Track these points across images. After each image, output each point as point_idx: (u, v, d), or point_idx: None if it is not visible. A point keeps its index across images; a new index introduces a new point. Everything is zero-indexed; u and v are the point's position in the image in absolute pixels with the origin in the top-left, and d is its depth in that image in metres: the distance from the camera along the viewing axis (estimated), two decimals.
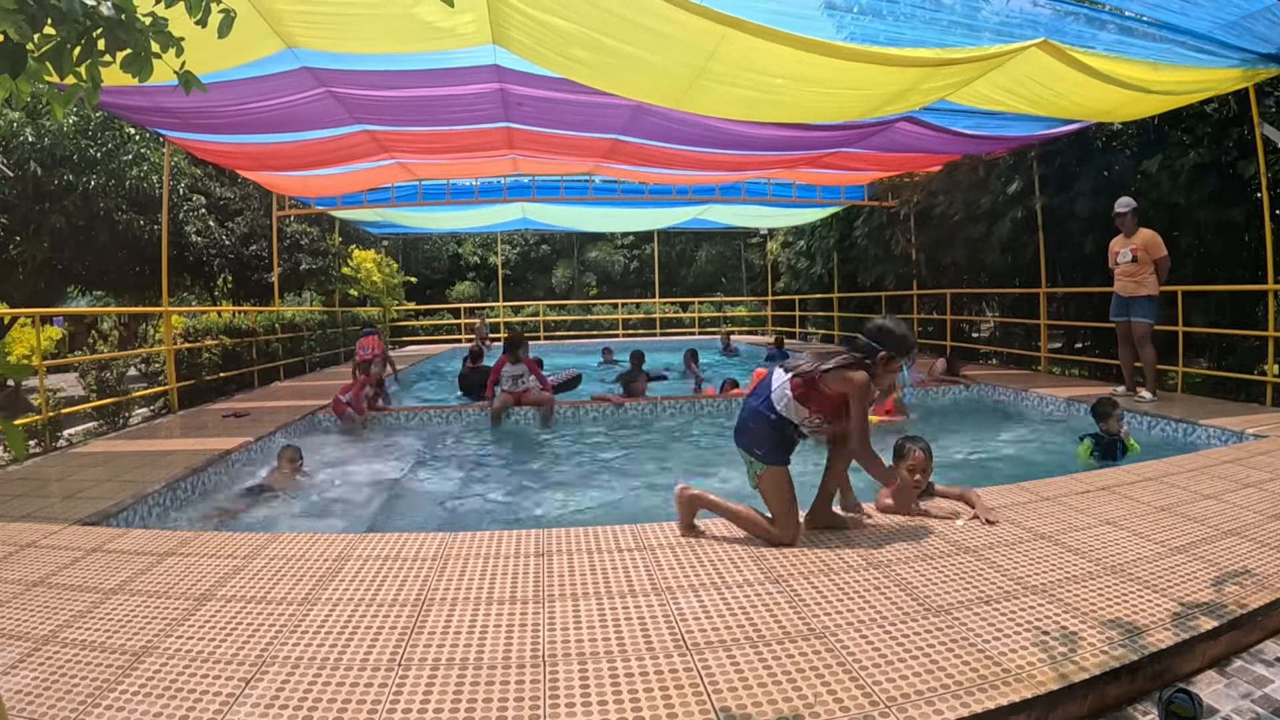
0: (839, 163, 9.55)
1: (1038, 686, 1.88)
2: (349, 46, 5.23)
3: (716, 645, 2.12)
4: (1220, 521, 3.14)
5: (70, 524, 3.53)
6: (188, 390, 7.96)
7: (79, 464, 4.95)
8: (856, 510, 3.30)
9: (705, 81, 5.53)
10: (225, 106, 6.17)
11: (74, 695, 1.91)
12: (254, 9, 4.48)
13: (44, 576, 2.81)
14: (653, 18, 4.54)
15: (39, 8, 1.37)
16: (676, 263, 30.24)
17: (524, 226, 17.66)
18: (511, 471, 5.74)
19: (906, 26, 4.87)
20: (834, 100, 6.05)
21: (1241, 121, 6.93)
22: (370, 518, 4.56)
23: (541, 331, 19.41)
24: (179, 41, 1.61)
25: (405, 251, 26.58)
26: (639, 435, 6.86)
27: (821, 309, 17.11)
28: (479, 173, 11.05)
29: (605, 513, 4.64)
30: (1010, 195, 10.02)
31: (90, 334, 12.20)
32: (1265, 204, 6.37)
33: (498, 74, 5.90)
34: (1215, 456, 4.40)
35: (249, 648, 2.15)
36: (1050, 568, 2.65)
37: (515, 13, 4.68)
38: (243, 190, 13.97)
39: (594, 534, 3.14)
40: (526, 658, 2.07)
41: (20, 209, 10.05)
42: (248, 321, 10.09)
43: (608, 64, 5.41)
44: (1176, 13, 4.77)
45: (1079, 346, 10.61)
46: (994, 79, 5.65)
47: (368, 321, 14.64)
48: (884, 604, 2.37)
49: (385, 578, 2.68)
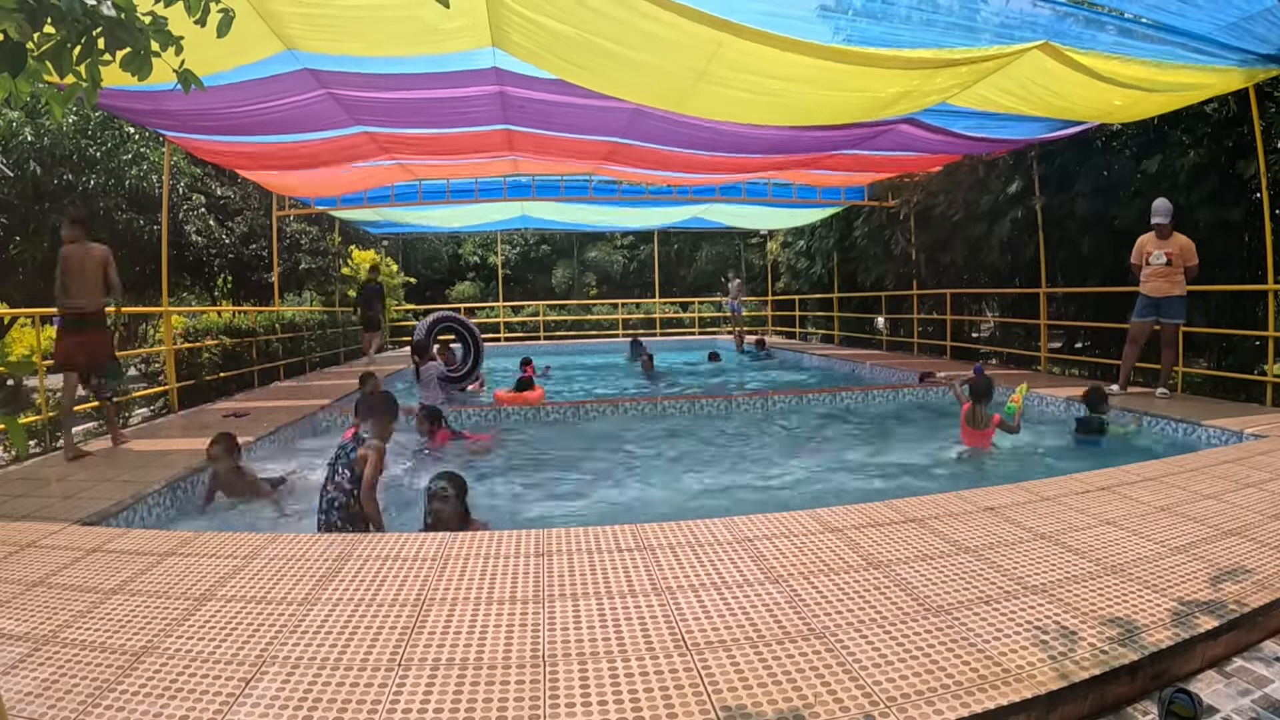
0: (839, 164, 9.56)
1: (1038, 686, 1.88)
2: (349, 49, 5.23)
3: (716, 645, 2.12)
4: (1220, 521, 3.14)
5: (70, 524, 3.52)
6: (188, 390, 7.95)
7: (79, 464, 4.95)
8: None
9: (704, 85, 5.53)
10: (225, 108, 6.18)
11: (74, 695, 1.91)
12: (254, 10, 4.49)
13: (44, 576, 2.80)
14: (651, 22, 4.54)
15: (39, 7, 1.37)
16: (676, 263, 30.21)
17: (524, 225, 17.65)
18: (511, 471, 5.75)
19: (904, 29, 4.85)
20: (834, 103, 6.05)
21: (1241, 122, 6.93)
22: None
23: (542, 331, 19.41)
24: (179, 41, 1.61)
25: (405, 251, 26.55)
26: (640, 435, 6.87)
27: (821, 309, 17.11)
28: (479, 173, 11.06)
29: (605, 513, 4.65)
30: (1010, 195, 10.03)
31: None
32: (1265, 204, 6.37)
33: (497, 77, 5.91)
34: (1215, 456, 4.40)
35: (249, 648, 2.15)
36: (1050, 568, 2.65)
37: (515, 16, 4.68)
38: (243, 190, 13.97)
39: (594, 534, 3.14)
40: (526, 658, 2.07)
41: (20, 209, 10.05)
42: (248, 321, 10.09)
43: (607, 67, 5.42)
44: (1175, 14, 4.77)
45: (1079, 346, 10.62)
46: (994, 81, 5.65)
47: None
48: (884, 604, 2.37)
49: (385, 578, 2.68)
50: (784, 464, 5.73)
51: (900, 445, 6.31)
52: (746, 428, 7.19)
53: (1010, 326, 11.28)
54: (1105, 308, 9.25)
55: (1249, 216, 7.03)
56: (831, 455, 6.05)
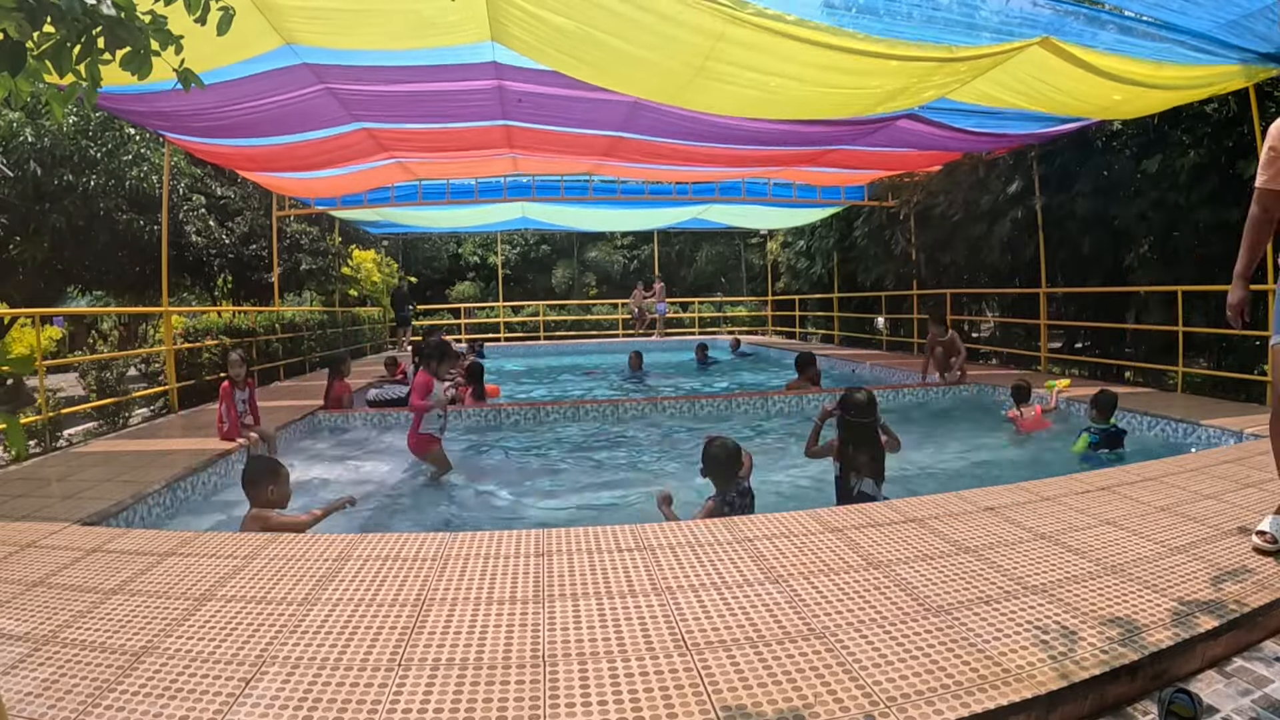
0: (839, 161, 9.56)
1: (1038, 686, 1.87)
2: (348, 43, 5.23)
3: (716, 645, 2.12)
4: (1220, 521, 3.14)
5: (70, 524, 3.52)
6: (188, 390, 7.95)
7: (79, 464, 4.95)
8: None
9: (703, 79, 5.53)
10: (224, 107, 6.17)
11: (74, 695, 1.91)
12: (253, 5, 4.48)
13: (44, 576, 2.80)
14: (651, 15, 4.54)
15: (39, 6, 1.37)
16: (676, 263, 30.19)
17: (524, 226, 17.66)
18: (511, 471, 5.75)
19: (904, 25, 4.87)
20: (833, 97, 6.05)
21: (1241, 121, 6.93)
22: (370, 518, 4.56)
23: (542, 331, 19.41)
24: (178, 40, 1.61)
25: (405, 251, 26.54)
26: (638, 435, 6.86)
27: (821, 309, 17.11)
28: (479, 172, 11.05)
29: (605, 513, 4.65)
30: (1010, 195, 10.03)
31: (90, 334, 12.21)
32: None
33: (496, 70, 5.90)
34: (1215, 456, 4.40)
35: (249, 648, 2.15)
36: (1050, 568, 2.64)
37: (514, 9, 4.68)
38: (243, 190, 13.97)
39: (594, 534, 3.14)
40: (526, 658, 2.07)
41: (20, 209, 10.04)
42: (248, 321, 10.08)
43: (606, 61, 5.42)
44: (1176, 11, 4.77)
45: (1079, 346, 10.62)
46: (994, 76, 5.65)
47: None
48: (884, 604, 2.37)
49: (385, 578, 2.68)
50: (784, 464, 5.72)
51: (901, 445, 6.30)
52: (745, 428, 7.18)
53: (1010, 326, 11.28)
54: (1105, 308, 9.26)
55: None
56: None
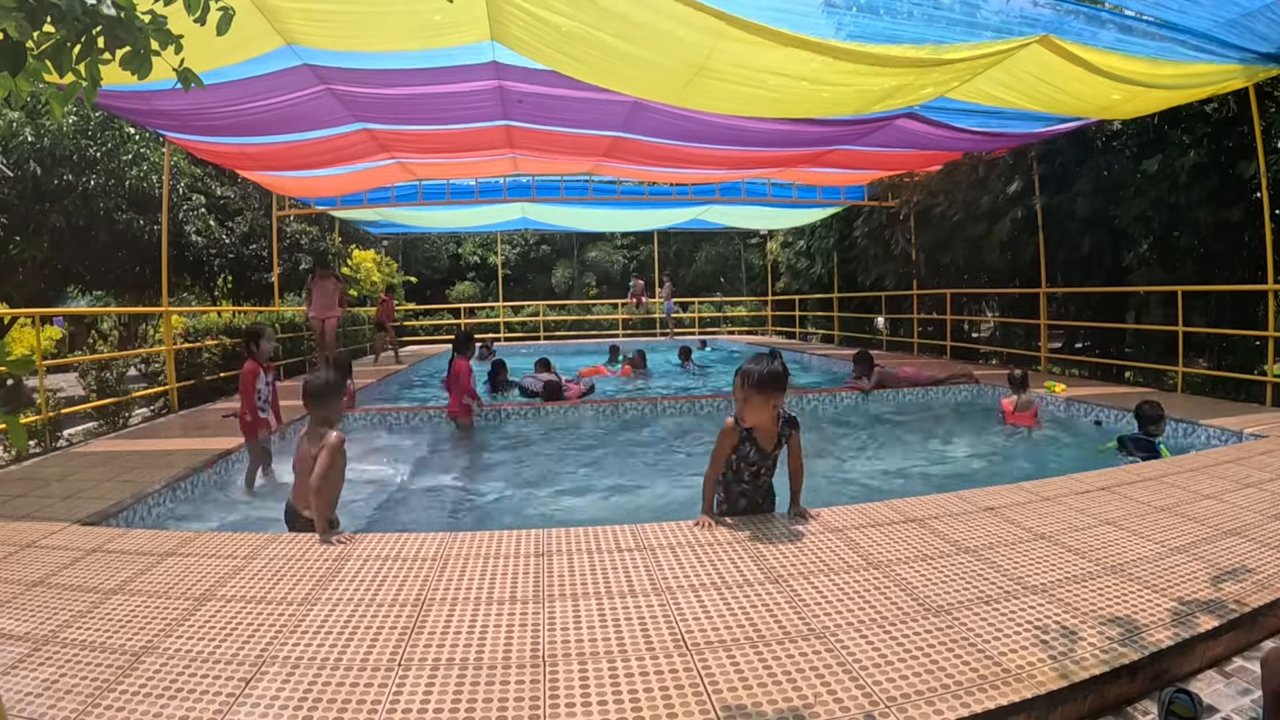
0: (839, 162, 9.55)
1: (1038, 686, 1.87)
2: (349, 45, 5.23)
3: (716, 645, 2.12)
4: (1220, 521, 3.14)
5: (70, 524, 3.52)
6: (188, 390, 7.95)
7: (79, 464, 4.95)
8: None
9: (704, 79, 5.53)
10: (224, 106, 6.17)
11: (74, 695, 1.91)
12: (254, 6, 4.48)
13: (44, 576, 2.80)
14: (652, 15, 4.54)
15: (39, 6, 1.37)
16: (676, 263, 30.24)
17: (524, 226, 17.67)
18: (512, 471, 5.74)
19: (905, 24, 4.89)
20: (833, 96, 6.05)
21: (1241, 121, 6.93)
22: (370, 518, 4.56)
23: (542, 331, 19.41)
24: (178, 39, 1.61)
25: (405, 251, 26.60)
26: (638, 436, 6.86)
27: (821, 309, 17.11)
28: (479, 172, 11.05)
29: (605, 513, 4.64)
30: (1010, 195, 10.03)
31: (90, 334, 12.21)
32: (1265, 204, 6.37)
33: (496, 70, 5.90)
34: (1215, 456, 4.40)
35: (249, 648, 2.15)
36: (1050, 568, 2.64)
37: (514, 9, 4.68)
38: (243, 190, 13.98)
39: (594, 534, 3.14)
40: (526, 658, 2.07)
41: (20, 209, 10.05)
42: (248, 321, 10.08)
43: (606, 61, 5.41)
44: (1176, 11, 4.77)
45: (1079, 346, 10.62)
46: (994, 75, 5.66)
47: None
48: (884, 604, 2.37)
49: (385, 578, 2.68)
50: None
51: (901, 445, 6.31)
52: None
53: (1010, 326, 11.28)
54: (1105, 308, 9.26)
55: (1249, 216, 7.03)
56: (832, 457, 6.05)
